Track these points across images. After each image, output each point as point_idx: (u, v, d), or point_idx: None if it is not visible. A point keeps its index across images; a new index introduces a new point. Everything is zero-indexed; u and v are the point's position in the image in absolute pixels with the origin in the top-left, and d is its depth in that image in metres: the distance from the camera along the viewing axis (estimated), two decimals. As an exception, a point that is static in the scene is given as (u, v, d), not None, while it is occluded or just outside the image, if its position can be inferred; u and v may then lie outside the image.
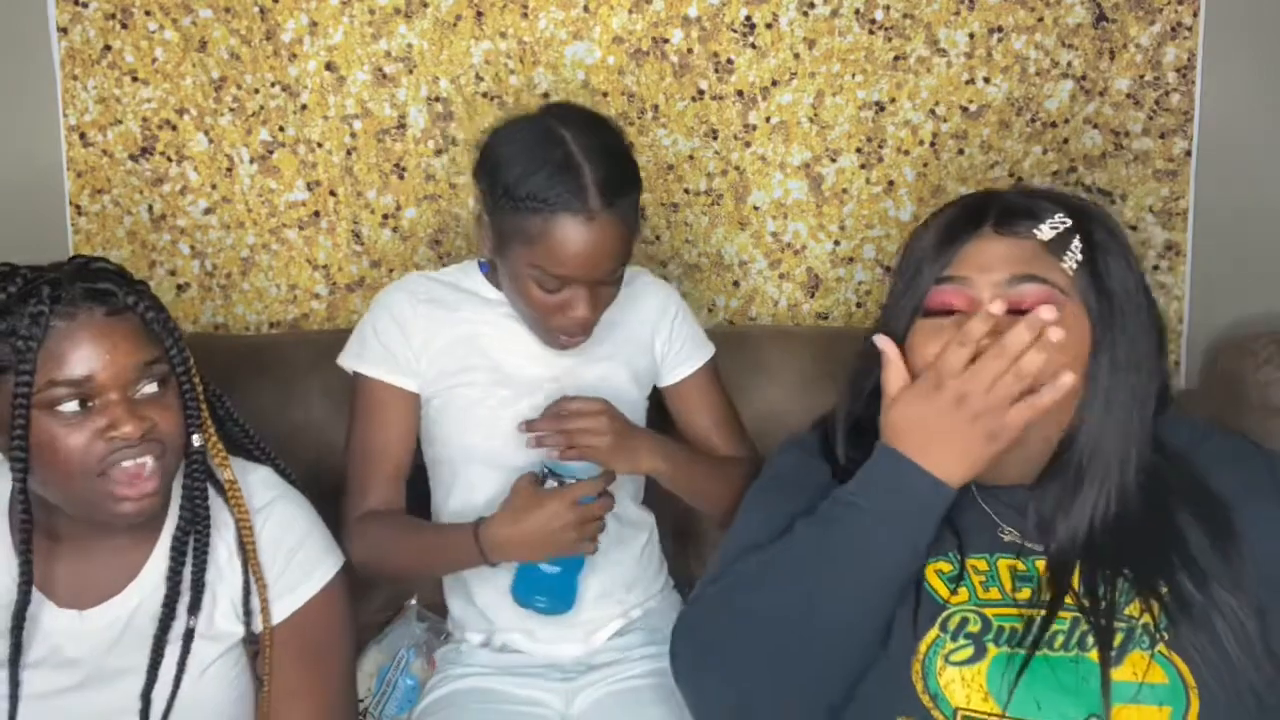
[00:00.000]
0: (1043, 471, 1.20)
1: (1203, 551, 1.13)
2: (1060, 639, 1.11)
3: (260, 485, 1.36)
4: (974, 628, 1.13)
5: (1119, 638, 1.09)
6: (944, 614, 1.14)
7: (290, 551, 1.33)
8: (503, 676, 1.57)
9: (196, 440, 1.27)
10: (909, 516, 1.10)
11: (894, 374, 1.14)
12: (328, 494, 1.51)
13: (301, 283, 2.07)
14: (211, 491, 1.33)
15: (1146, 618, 1.10)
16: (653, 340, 1.67)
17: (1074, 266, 1.17)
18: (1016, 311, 1.13)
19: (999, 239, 1.19)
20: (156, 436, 1.21)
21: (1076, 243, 1.17)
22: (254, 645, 1.32)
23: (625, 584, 1.64)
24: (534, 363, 1.58)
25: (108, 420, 1.18)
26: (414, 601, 1.74)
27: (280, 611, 1.32)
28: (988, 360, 1.06)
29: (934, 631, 1.13)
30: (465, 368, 1.58)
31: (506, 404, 1.57)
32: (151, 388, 1.22)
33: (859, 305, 2.08)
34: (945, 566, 1.17)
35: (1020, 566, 1.17)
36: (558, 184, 1.41)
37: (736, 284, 2.07)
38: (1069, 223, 1.18)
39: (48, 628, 1.28)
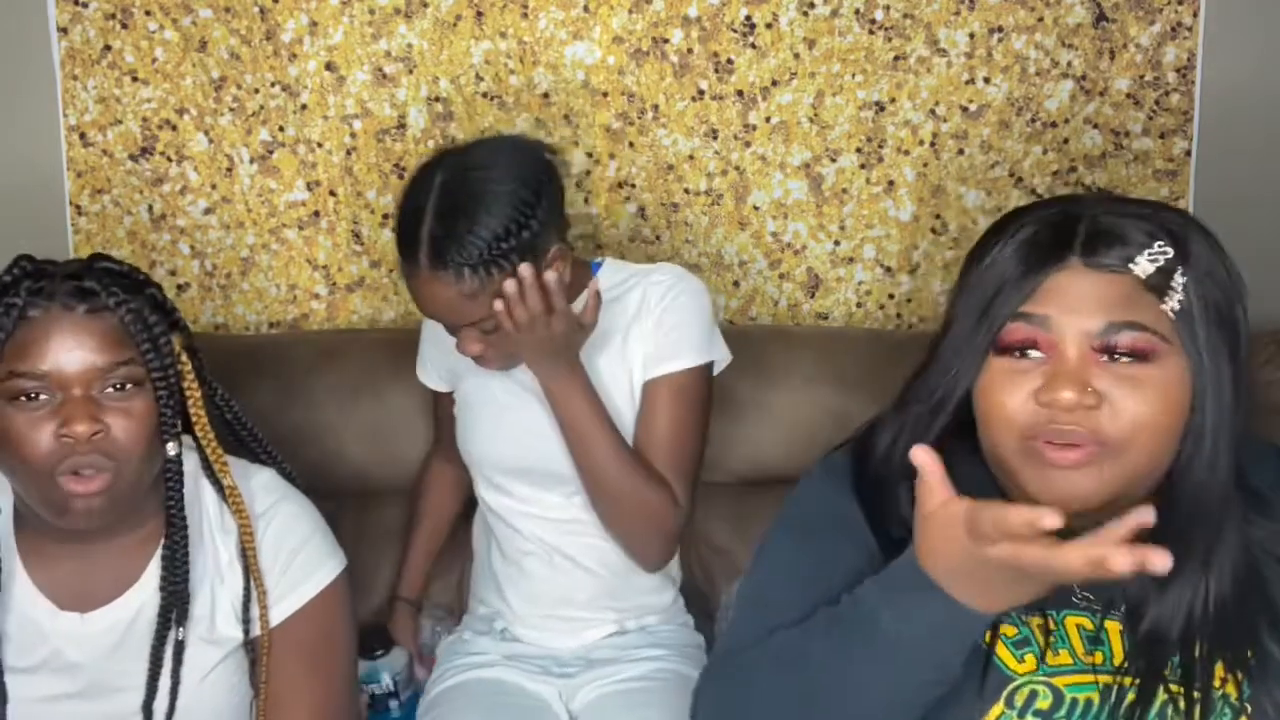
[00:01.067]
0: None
1: None
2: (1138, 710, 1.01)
3: (262, 489, 1.36)
4: (1044, 703, 1.01)
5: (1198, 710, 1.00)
6: (1011, 686, 1.02)
7: (292, 552, 1.33)
8: (508, 667, 1.60)
9: (171, 449, 1.26)
10: (934, 646, 0.96)
11: (929, 493, 0.95)
12: (331, 495, 1.51)
13: (301, 283, 2.07)
14: (215, 496, 1.33)
15: (1230, 688, 1.00)
16: (635, 338, 1.55)
17: (1176, 308, 1.00)
18: (1108, 351, 0.99)
19: (1088, 273, 1.01)
20: (110, 439, 1.20)
21: (1179, 277, 1.00)
22: (254, 653, 1.31)
23: (613, 593, 1.63)
24: (529, 375, 1.55)
25: (62, 417, 1.18)
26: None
27: (281, 612, 1.31)
28: (1072, 558, 0.85)
29: (999, 707, 1.01)
30: (475, 374, 1.60)
31: (508, 410, 1.58)
32: (119, 389, 1.21)
33: (859, 305, 2.08)
34: (1011, 631, 1.05)
35: (1088, 625, 1.05)
36: (401, 233, 1.45)
37: (736, 284, 2.07)
38: (1170, 253, 1.00)
39: (49, 631, 1.27)
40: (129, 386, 1.22)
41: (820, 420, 1.83)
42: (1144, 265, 1.00)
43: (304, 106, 2.00)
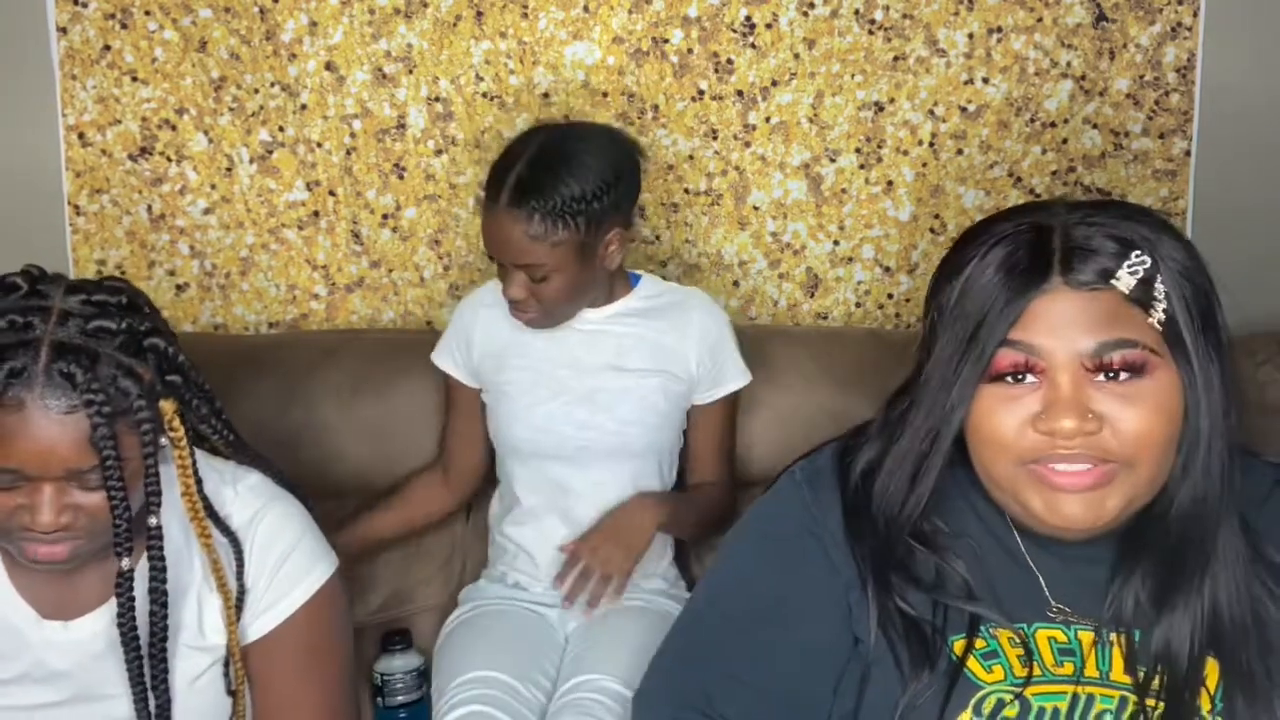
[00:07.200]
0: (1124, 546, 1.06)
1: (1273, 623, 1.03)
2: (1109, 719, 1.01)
3: (250, 491, 1.32)
4: (1011, 711, 1.01)
5: None
6: (978, 695, 1.02)
7: (281, 557, 1.29)
8: (514, 601, 1.73)
9: (153, 521, 1.21)
10: None
11: None
12: (331, 496, 1.51)
13: (301, 283, 2.07)
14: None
15: (1203, 700, 1.01)
16: (689, 361, 1.74)
17: (1162, 318, 0.99)
18: (1104, 370, 0.99)
19: (1071, 293, 0.99)
20: (78, 518, 1.16)
21: (1160, 286, 0.99)
22: (228, 668, 1.29)
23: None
24: (568, 369, 1.73)
25: (26, 501, 1.14)
26: None
27: (273, 619, 1.29)
28: None
29: (966, 714, 1.02)
30: (509, 367, 1.74)
31: (541, 401, 1.71)
32: (92, 478, 1.15)
33: (858, 305, 2.08)
34: (982, 644, 1.05)
35: (1061, 638, 1.05)
36: (492, 176, 1.65)
37: (736, 284, 2.07)
38: (1148, 262, 0.99)
39: (32, 640, 1.25)
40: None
41: (820, 420, 1.83)
42: (1125, 279, 0.99)
43: (304, 106, 2.00)
